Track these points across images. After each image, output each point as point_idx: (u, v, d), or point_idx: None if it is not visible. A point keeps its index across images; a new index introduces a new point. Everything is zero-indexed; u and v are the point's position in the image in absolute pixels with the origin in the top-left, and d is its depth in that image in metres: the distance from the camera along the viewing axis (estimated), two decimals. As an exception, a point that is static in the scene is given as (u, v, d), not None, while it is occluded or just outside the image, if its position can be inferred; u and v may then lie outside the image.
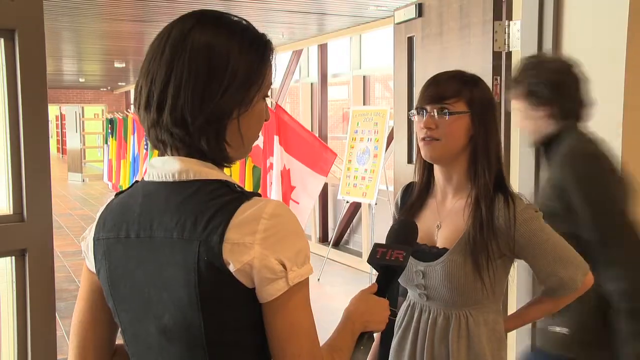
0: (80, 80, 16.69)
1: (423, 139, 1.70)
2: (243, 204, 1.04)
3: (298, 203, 6.63)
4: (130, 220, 1.11)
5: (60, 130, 28.67)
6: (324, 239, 8.41)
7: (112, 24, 7.86)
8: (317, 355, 1.06)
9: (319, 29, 7.99)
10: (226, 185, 1.08)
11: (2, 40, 1.34)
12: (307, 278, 1.07)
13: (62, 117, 26.65)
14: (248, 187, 7.06)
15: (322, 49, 8.56)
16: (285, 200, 6.55)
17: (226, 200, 1.05)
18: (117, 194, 1.20)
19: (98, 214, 1.18)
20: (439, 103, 1.68)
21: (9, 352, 1.42)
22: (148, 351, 1.12)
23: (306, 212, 6.70)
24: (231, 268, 1.01)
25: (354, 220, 8.03)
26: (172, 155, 1.11)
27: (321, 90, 8.57)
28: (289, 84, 9.47)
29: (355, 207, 7.79)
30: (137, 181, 1.18)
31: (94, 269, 1.17)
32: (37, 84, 1.38)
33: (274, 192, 6.54)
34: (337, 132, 11.37)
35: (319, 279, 6.86)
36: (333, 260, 7.16)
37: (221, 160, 1.12)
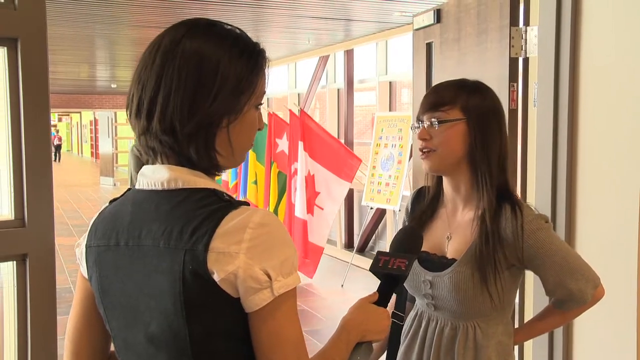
0: (113, 86, 16.96)
1: (420, 150, 1.68)
2: (230, 213, 1.04)
3: (322, 209, 6.64)
4: (121, 229, 1.12)
5: (94, 135, 29.20)
6: (349, 245, 8.39)
7: (144, 30, 7.98)
8: None
9: (345, 34, 8.00)
10: (214, 194, 1.08)
11: (5, 49, 1.37)
12: (294, 288, 1.05)
13: (95, 122, 27.14)
14: (273, 192, 7.08)
15: (349, 54, 8.56)
16: (309, 206, 6.56)
17: (213, 209, 1.05)
18: (110, 202, 1.21)
19: (91, 222, 1.19)
20: (433, 111, 1.66)
21: (9, 357, 1.44)
22: (138, 358, 1.13)
23: (330, 218, 6.69)
24: (216, 277, 1.01)
25: (379, 227, 7.99)
26: (162, 163, 1.12)
27: (347, 96, 8.57)
28: (315, 90, 9.48)
29: (381, 213, 7.76)
30: (129, 189, 1.19)
31: (87, 276, 1.18)
32: (39, 92, 1.40)
33: (298, 197, 6.55)
34: (366, 138, 11.34)
35: (342, 285, 6.84)
36: (357, 266, 7.14)
37: (211, 168, 1.12)
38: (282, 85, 11.16)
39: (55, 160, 31.73)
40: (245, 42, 1.13)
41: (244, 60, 1.11)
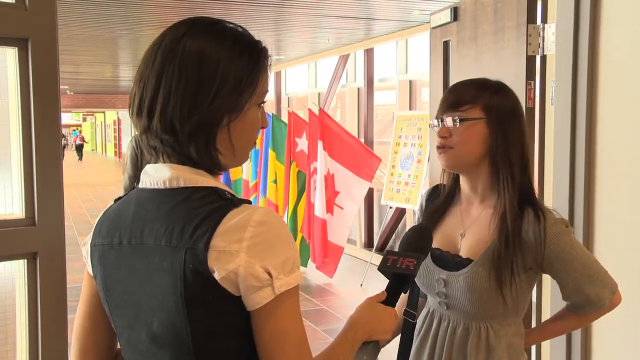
0: (135, 86, 17.10)
1: (438, 147, 1.67)
2: (231, 212, 1.03)
3: (342, 208, 6.63)
4: (124, 227, 1.12)
5: (117, 135, 29.52)
6: (369, 244, 8.36)
7: (166, 31, 8.04)
8: None
9: (365, 33, 7.97)
10: (215, 192, 1.08)
11: (16, 49, 1.38)
12: (297, 286, 1.05)
13: (119, 121, 27.43)
14: (293, 192, 7.08)
15: (369, 53, 8.53)
16: (329, 206, 6.54)
17: (214, 208, 1.04)
18: (115, 200, 1.21)
19: (96, 221, 1.20)
20: (454, 110, 1.64)
21: (21, 353, 1.46)
22: (141, 357, 1.13)
23: (350, 218, 6.68)
24: (216, 276, 1.01)
25: (399, 226, 7.95)
26: (164, 162, 1.12)
27: (367, 95, 8.54)
28: (335, 89, 9.47)
29: (400, 213, 7.72)
30: (133, 187, 1.20)
31: (92, 274, 1.19)
32: (50, 92, 1.40)
33: (318, 197, 6.55)
34: (387, 137, 11.28)
35: (361, 285, 6.83)
36: (376, 265, 7.11)
37: (212, 167, 1.12)
38: (302, 84, 11.17)
39: (78, 159, 32.33)
40: (246, 41, 1.13)
41: (245, 59, 1.10)
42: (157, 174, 1.11)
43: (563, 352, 2.59)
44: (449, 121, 1.64)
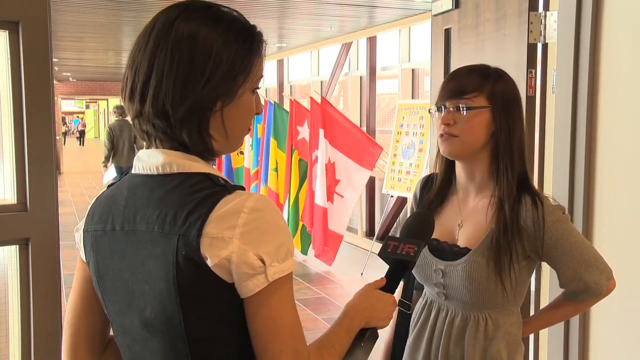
0: (138, 73, 17.04)
1: (441, 135, 1.65)
2: (224, 198, 1.02)
3: (342, 196, 6.62)
4: (116, 213, 1.11)
5: (121, 122, 29.62)
6: (370, 233, 8.36)
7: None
8: (301, 352, 1.03)
9: (368, 21, 7.93)
10: (209, 178, 1.07)
11: (7, 32, 1.36)
12: (290, 274, 1.04)
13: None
14: (294, 180, 7.07)
15: (371, 41, 8.49)
16: (329, 194, 6.54)
17: (207, 194, 1.03)
18: (108, 186, 1.20)
19: (89, 207, 1.19)
20: (458, 98, 1.63)
21: (14, 337, 1.45)
22: (134, 343, 1.13)
23: (350, 206, 6.67)
24: (209, 262, 1.00)
25: (400, 215, 7.94)
26: (157, 147, 1.11)
27: (370, 83, 8.50)
28: (338, 77, 9.43)
29: (402, 202, 7.70)
30: (126, 173, 1.18)
31: (85, 260, 1.18)
32: (42, 76, 1.39)
33: (319, 185, 6.54)
34: (389, 126, 11.23)
35: (362, 273, 6.83)
36: (377, 254, 7.10)
37: (205, 153, 1.10)
38: (305, 72, 11.13)
39: (79, 144, 33.19)
40: (240, 25, 1.11)
41: (238, 43, 1.08)
42: (150, 160, 1.10)
43: (561, 340, 2.59)
44: (453, 108, 1.63)
